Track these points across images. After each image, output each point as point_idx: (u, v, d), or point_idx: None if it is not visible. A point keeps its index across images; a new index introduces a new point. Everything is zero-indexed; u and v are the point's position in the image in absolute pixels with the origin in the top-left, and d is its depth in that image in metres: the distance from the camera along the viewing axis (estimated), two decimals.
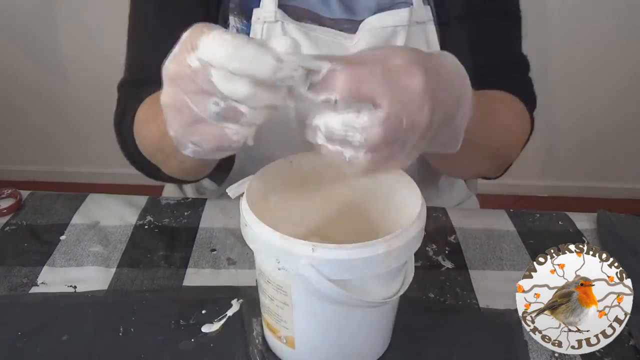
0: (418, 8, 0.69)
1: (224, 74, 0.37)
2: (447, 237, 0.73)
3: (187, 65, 0.38)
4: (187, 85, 0.39)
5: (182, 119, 0.41)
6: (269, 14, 0.67)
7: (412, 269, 0.51)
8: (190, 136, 0.41)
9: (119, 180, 1.96)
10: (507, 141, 0.68)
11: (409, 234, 0.45)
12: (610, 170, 2.17)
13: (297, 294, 0.47)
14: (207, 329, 0.57)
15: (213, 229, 0.73)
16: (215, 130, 0.40)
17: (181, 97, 0.40)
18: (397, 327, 0.56)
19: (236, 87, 0.37)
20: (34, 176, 2.17)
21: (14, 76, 1.98)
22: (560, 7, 1.83)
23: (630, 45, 1.90)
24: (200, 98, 0.39)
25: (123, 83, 0.74)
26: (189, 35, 0.38)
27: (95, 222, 0.73)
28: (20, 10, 1.86)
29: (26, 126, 2.09)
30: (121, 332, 0.57)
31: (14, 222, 0.73)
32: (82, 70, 1.95)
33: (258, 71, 0.37)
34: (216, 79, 0.37)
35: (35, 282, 0.63)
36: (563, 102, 1.98)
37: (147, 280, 0.64)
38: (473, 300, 0.63)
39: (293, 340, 0.51)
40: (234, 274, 0.65)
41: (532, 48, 0.77)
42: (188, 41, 0.38)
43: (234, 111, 0.39)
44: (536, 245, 0.72)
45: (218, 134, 0.40)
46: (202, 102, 0.39)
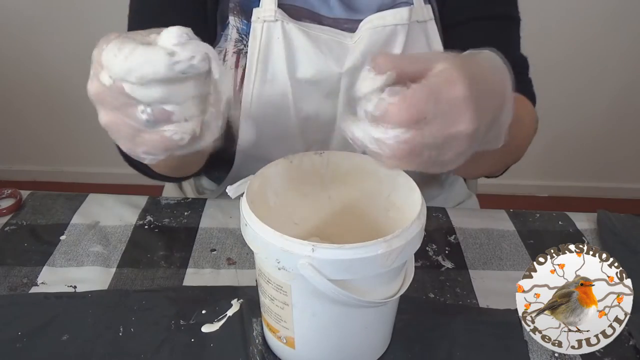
0: (418, 7, 0.70)
1: (133, 84, 0.38)
2: (447, 237, 0.73)
3: (102, 84, 0.38)
4: (111, 102, 0.39)
5: (123, 135, 0.41)
6: (268, 13, 0.67)
7: (412, 269, 0.51)
8: (138, 148, 0.42)
9: (119, 180, 1.96)
10: (525, 139, 0.70)
11: (409, 234, 0.45)
12: (610, 170, 2.17)
13: (297, 294, 0.47)
14: (207, 329, 0.57)
15: (213, 229, 0.73)
16: (156, 136, 0.40)
17: (114, 115, 0.40)
18: (397, 327, 0.56)
19: (148, 92, 0.38)
20: (34, 176, 2.17)
21: (14, 76, 1.98)
22: (559, 8, 1.83)
23: (630, 45, 1.91)
24: (128, 111, 0.39)
25: None
26: (96, 53, 0.39)
27: (95, 222, 0.73)
28: (20, 10, 1.86)
29: (26, 126, 2.09)
30: (121, 332, 0.57)
31: (14, 222, 0.73)
32: (82, 70, 1.93)
33: (156, 72, 0.37)
34: (129, 90, 0.38)
35: (35, 282, 0.63)
36: (563, 102, 1.98)
37: (147, 280, 0.64)
38: (473, 300, 0.63)
39: (293, 340, 0.51)
40: (234, 274, 0.65)
41: (532, 48, 0.77)
42: (97, 59, 0.38)
43: (162, 113, 0.39)
44: (536, 245, 0.72)
45: (160, 138, 0.40)
46: (132, 113, 0.39)
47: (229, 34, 0.70)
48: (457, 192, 0.94)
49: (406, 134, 0.39)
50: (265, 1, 0.68)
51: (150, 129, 0.40)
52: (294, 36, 0.68)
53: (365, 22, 0.69)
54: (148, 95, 0.38)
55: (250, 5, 0.69)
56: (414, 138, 0.40)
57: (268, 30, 0.67)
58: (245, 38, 0.69)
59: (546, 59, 1.80)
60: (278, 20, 0.67)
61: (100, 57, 0.38)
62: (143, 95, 0.38)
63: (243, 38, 0.69)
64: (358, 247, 0.43)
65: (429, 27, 0.71)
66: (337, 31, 0.69)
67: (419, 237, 0.47)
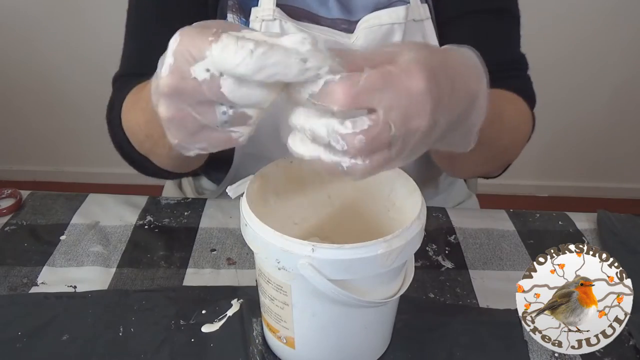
0: (415, 6, 0.70)
1: (237, 83, 0.36)
2: (447, 237, 0.73)
3: (191, 77, 0.36)
4: (190, 97, 0.37)
5: (186, 130, 0.39)
6: (267, 12, 0.67)
7: (412, 269, 0.51)
8: (196, 144, 0.40)
9: (119, 180, 1.96)
10: (514, 140, 0.68)
11: (409, 234, 0.45)
12: (610, 170, 2.17)
13: (297, 294, 0.47)
14: (207, 329, 0.57)
15: (213, 229, 0.73)
16: (222, 135, 0.39)
17: (184, 110, 0.38)
18: (397, 327, 0.56)
19: (250, 94, 0.36)
20: (34, 176, 2.17)
21: (14, 76, 1.98)
22: (559, 6, 1.83)
23: (629, 45, 1.90)
24: (205, 108, 0.37)
25: (118, 76, 0.73)
26: (184, 44, 0.36)
27: (95, 222, 0.73)
28: (20, 10, 1.86)
29: (26, 126, 2.09)
30: (121, 332, 0.57)
31: (14, 222, 0.73)
32: (82, 70, 1.95)
33: (284, 76, 0.35)
34: (227, 89, 0.36)
35: (35, 282, 0.63)
36: (563, 101, 1.98)
37: (147, 280, 0.64)
38: (473, 300, 0.63)
39: (293, 340, 0.51)
40: (234, 274, 0.65)
41: (531, 45, 0.77)
42: (186, 51, 0.36)
43: (242, 116, 0.38)
44: (536, 245, 0.72)
45: (225, 138, 0.39)
46: (208, 111, 0.37)
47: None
48: (457, 192, 0.94)
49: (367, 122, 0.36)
50: (264, 0, 0.68)
51: (221, 128, 0.38)
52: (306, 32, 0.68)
53: (362, 22, 0.69)
54: (247, 97, 0.36)
55: (249, 4, 0.69)
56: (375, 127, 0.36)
57: (266, 30, 0.67)
58: None
59: (545, 56, 1.80)
60: (276, 20, 0.67)
61: (199, 48, 0.35)
62: (240, 96, 0.36)
63: None
64: (358, 247, 0.43)
65: (426, 26, 0.71)
66: (334, 32, 0.69)
67: (419, 237, 0.47)
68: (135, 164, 0.71)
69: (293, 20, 0.68)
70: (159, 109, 0.39)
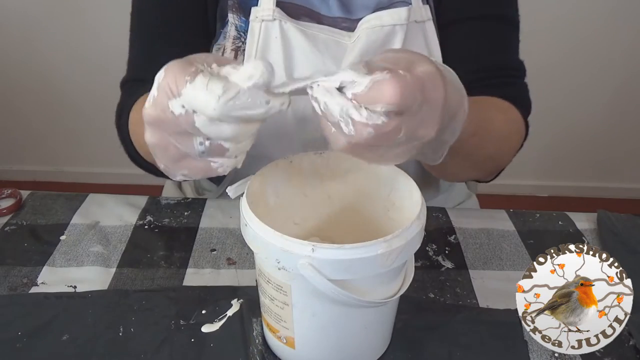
0: (417, 7, 0.70)
1: (209, 119, 0.37)
2: (447, 237, 0.73)
3: (169, 111, 0.38)
4: (169, 127, 0.39)
5: (168, 156, 0.42)
6: (266, 12, 0.67)
7: (412, 269, 0.51)
8: (179, 170, 0.42)
9: (119, 180, 1.96)
10: (500, 149, 0.68)
11: (409, 234, 0.45)
12: (610, 170, 2.17)
13: (297, 294, 0.47)
14: (207, 329, 0.57)
15: (213, 229, 0.73)
16: (202, 164, 0.41)
17: (165, 138, 0.40)
18: (397, 327, 0.56)
19: (222, 130, 0.38)
20: (34, 176, 2.17)
21: (14, 76, 1.98)
22: (559, 7, 1.83)
23: (629, 45, 1.90)
24: (184, 138, 0.39)
25: (125, 81, 0.74)
26: (166, 79, 0.38)
27: (95, 222, 0.73)
28: (20, 10, 1.86)
29: (26, 126, 2.09)
30: (121, 332, 0.57)
31: (14, 222, 0.73)
32: (82, 70, 1.95)
33: (250, 117, 0.38)
34: (200, 124, 0.38)
35: (35, 282, 0.63)
36: (563, 101, 1.98)
37: (147, 280, 0.64)
38: (473, 300, 0.63)
39: (293, 340, 0.51)
40: (234, 274, 0.65)
41: (531, 47, 0.77)
42: (167, 85, 0.38)
43: (219, 148, 0.40)
44: (536, 245, 0.72)
45: (205, 167, 0.41)
46: (187, 141, 0.40)
47: (227, 32, 0.70)
48: (457, 192, 0.94)
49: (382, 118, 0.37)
50: (264, 0, 0.68)
51: (200, 158, 0.40)
52: (291, 35, 0.68)
53: (363, 22, 0.69)
54: (219, 132, 0.38)
55: (249, 3, 0.69)
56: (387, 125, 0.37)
57: (266, 30, 0.68)
58: (243, 35, 0.69)
59: (545, 57, 1.80)
60: (276, 20, 0.67)
61: (176, 85, 0.37)
62: (213, 132, 0.38)
63: (241, 35, 0.69)
64: (358, 247, 0.43)
65: (427, 28, 0.71)
66: (335, 30, 0.69)
67: (419, 237, 0.47)
68: (143, 168, 0.71)
69: (293, 20, 0.68)
70: (145, 134, 0.41)
